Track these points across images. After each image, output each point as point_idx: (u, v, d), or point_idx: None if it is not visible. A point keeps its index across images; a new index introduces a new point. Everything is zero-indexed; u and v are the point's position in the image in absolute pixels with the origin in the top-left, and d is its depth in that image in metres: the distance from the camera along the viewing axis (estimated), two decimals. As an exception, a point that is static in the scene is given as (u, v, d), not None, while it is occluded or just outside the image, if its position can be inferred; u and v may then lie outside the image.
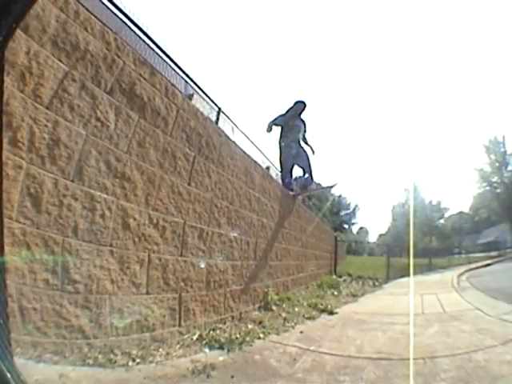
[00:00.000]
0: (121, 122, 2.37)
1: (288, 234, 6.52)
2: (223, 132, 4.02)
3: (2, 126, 1.04)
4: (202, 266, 3.38)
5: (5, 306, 0.97)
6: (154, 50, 3.15)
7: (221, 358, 2.68)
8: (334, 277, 10.09)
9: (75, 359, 1.99)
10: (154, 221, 2.77)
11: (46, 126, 1.82)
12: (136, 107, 2.54)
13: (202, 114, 3.48)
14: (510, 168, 31.37)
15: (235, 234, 4.13)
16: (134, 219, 2.55)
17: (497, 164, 31.39)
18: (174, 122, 2.97)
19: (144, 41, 3.02)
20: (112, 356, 2.19)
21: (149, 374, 2.15)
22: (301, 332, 3.80)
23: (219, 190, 3.81)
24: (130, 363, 2.22)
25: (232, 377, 2.35)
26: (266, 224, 5.28)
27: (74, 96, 2.01)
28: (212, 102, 4.24)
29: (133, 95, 2.52)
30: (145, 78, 2.64)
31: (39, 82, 1.78)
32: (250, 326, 3.68)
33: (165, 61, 3.34)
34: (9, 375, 0.88)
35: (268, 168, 6.27)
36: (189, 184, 3.25)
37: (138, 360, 2.27)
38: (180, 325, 2.98)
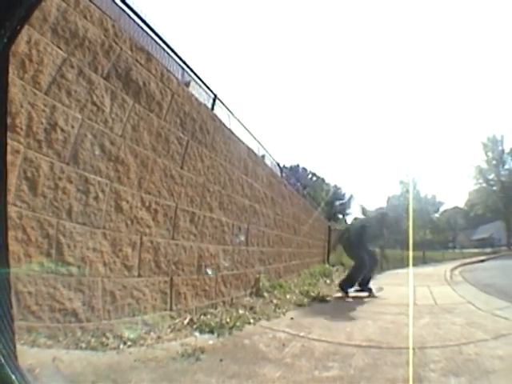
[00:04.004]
0: (116, 106, 2.45)
1: (280, 221, 6.69)
2: (217, 117, 4.10)
3: (6, 126, 1.04)
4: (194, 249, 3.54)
5: (9, 308, 0.99)
6: (154, 39, 3.20)
7: (211, 342, 2.79)
8: (327, 266, 10.39)
9: (68, 343, 2.10)
10: (147, 204, 2.89)
11: (43, 111, 1.90)
12: (131, 92, 2.62)
13: (196, 99, 3.56)
14: (507, 167, 32.19)
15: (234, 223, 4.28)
16: (127, 202, 2.66)
17: (494, 162, 32.19)
18: (168, 107, 3.06)
19: (144, 30, 3.07)
20: (104, 339, 2.31)
21: (139, 357, 2.26)
22: (291, 318, 3.92)
23: (212, 175, 3.93)
24: (122, 346, 2.34)
25: (221, 360, 2.43)
26: (259, 210, 5.43)
27: (72, 82, 2.09)
28: (208, 88, 4.31)
29: (128, 80, 2.60)
30: (141, 64, 2.71)
31: (38, 68, 1.86)
32: (240, 312, 3.81)
33: (164, 50, 3.39)
34: (13, 377, 0.90)
35: (263, 156, 6.41)
36: (181, 168, 3.36)
37: (129, 343, 2.39)
38: (171, 309, 3.12)
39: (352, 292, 6.05)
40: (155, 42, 3.22)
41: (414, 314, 4.40)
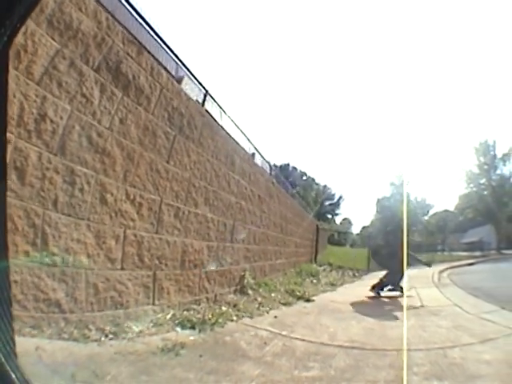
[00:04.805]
0: (105, 98, 2.56)
1: (267, 219, 6.87)
2: (206, 113, 4.22)
3: (6, 123, 1.10)
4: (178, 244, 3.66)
5: (9, 306, 1.01)
6: (152, 35, 3.30)
7: (191, 338, 2.89)
8: (314, 265, 10.69)
9: (52, 333, 2.21)
10: (131, 197, 2.99)
11: (35, 101, 2.00)
12: (121, 85, 2.73)
13: (185, 94, 3.68)
14: (498, 172, 33.40)
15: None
16: (112, 194, 2.77)
17: (485, 167, 33.41)
18: (156, 101, 3.17)
19: (142, 25, 3.17)
20: (86, 331, 2.43)
21: (120, 349, 2.36)
22: (275, 317, 4.02)
23: (198, 170, 4.05)
24: (103, 339, 2.46)
25: (200, 356, 2.49)
26: (245, 207, 5.58)
27: (63, 73, 2.20)
28: (200, 84, 4.42)
29: (118, 73, 2.71)
30: (131, 57, 2.83)
31: (32, 59, 1.95)
32: (224, 308, 3.95)
33: (161, 46, 3.49)
34: (13, 375, 0.92)
35: (254, 154, 6.57)
36: (167, 162, 3.47)
37: (110, 336, 2.52)
38: (154, 303, 3.24)
39: (384, 292, 6.29)
40: (153, 38, 3.32)
41: (399, 315, 4.52)
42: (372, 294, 6.26)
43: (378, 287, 6.34)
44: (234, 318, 3.71)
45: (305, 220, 12.31)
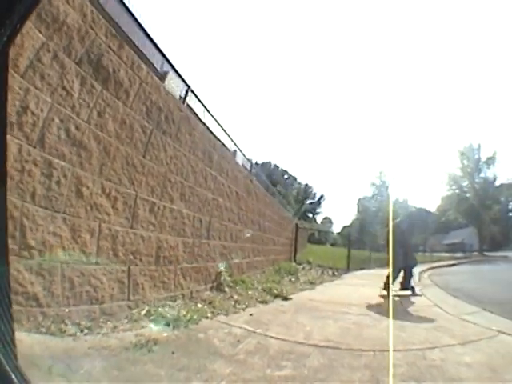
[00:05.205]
0: (84, 91, 2.73)
1: (245, 216, 7.14)
2: (185, 108, 4.42)
3: (6, 125, 1.16)
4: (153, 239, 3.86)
5: (9, 307, 1.07)
6: (145, 31, 3.46)
7: (165, 334, 3.04)
8: (294, 264, 11.12)
9: (31, 327, 2.37)
10: (107, 191, 3.16)
11: (18, 93, 2.15)
12: (101, 78, 2.90)
13: (164, 88, 3.87)
14: (482, 175, 35.51)
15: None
16: (87, 188, 2.93)
17: (469, 169, 35.62)
18: (135, 95, 3.35)
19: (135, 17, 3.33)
20: (63, 326, 2.60)
21: (94, 344, 2.53)
22: (250, 315, 4.19)
23: (174, 165, 4.24)
24: (78, 333, 2.63)
25: (172, 353, 2.63)
26: (222, 203, 5.82)
27: (46, 65, 2.35)
28: (182, 80, 4.61)
29: (99, 66, 2.87)
30: (113, 50, 3.00)
31: (19, 51, 2.10)
32: (199, 305, 4.14)
33: (153, 44, 3.65)
34: (13, 376, 0.96)
35: (235, 152, 6.82)
36: (144, 157, 3.65)
37: (85, 331, 2.69)
38: (129, 299, 3.42)
39: (395, 291, 6.62)
40: (145, 34, 3.48)
41: (377, 315, 4.69)
42: (384, 292, 6.59)
43: (386, 283, 6.65)
44: (209, 315, 3.89)
45: (284, 218, 12.73)
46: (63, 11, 2.46)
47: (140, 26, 3.57)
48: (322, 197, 48.47)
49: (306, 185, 47.72)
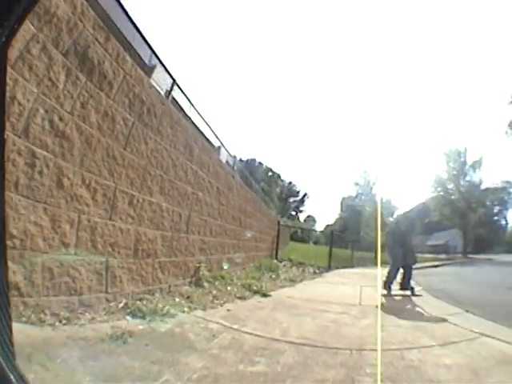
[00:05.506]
0: (69, 83, 2.89)
1: (225, 212, 7.40)
2: (168, 101, 4.61)
3: (5, 124, 1.24)
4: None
5: (7, 307, 1.12)
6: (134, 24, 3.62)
7: (140, 327, 3.20)
8: (275, 261, 11.42)
9: (12, 316, 2.54)
10: (87, 182, 3.31)
11: (7, 84, 2.30)
12: (86, 69, 3.07)
13: (148, 81, 4.05)
14: (468, 178, 37.18)
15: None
16: (68, 178, 3.09)
17: (454, 172, 37.21)
18: (118, 87, 3.53)
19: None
20: (42, 315, 2.75)
21: (72, 334, 2.69)
22: (228, 310, 4.38)
23: (154, 158, 4.42)
24: (57, 324, 2.79)
25: (146, 345, 2.78)
26: (202, 198, 6.04)
27: (35, 57, 2.51)
28: (168, 73, 4.79)
29: (85, 58, 3.04)
30: (100, 43, 3.17)
31: (11, 43, 2.25)
32: (177, 300, 4.34)
33: (142, 37, 3.81)
34: (11, 376, 0.99)
35: (219, 148, 7.02)
36: (124, 149, 3.82)
37: (64, 321, 2.86)
38: (107, 291, 3.59)
39: (395, 291, 6.96)
40: (135, 27, 3.65)
41: (356, 314, 4.85)
42: (384, 292, 6.94)
43: (387, 282, 7.04)
44: (186, 309, 4.07)
45: (266, 215, 13.06)
46: (55, 3, 2.62)
47: (130, 20, 3.74)
48: (305, 195, 49.70)
49: (290, 183, 48.89)
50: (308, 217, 48.30)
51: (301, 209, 49.30)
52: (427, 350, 3.26)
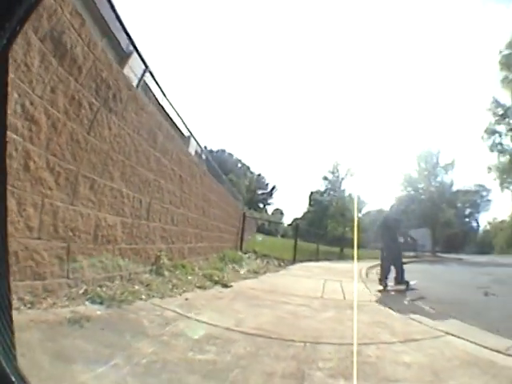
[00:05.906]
0: (43, 67, 3.15)
1: (188, 200, 7.76)
2: (133, 87, 4.90)
3: (6, 125, 1.26)
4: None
5: (8, 308, 1.15)
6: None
7: (98, 313, 3.47)
8: (239, 252, 12.05)
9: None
10: (51, 165, 3.55)
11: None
12: (58, 54, 3.33)
13: (116, 66, 4.33)
14: (439, 179, 39.60)
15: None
16: (34, 162, 3.32)
17: (425, 172, 39.64)
18: (87, 72, 3.80)
19: None
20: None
21: (34, 318, 2.94)
22: (186, 299, 4.66)
23: (117, 144, 4.70)
24: (22, 307, 3.07)
25: (102, 329, 3.05)
26: (164, 186, 6.37)
27: (16, 43, 2.76)
28: (142, 60, 5.05)
29: (59, 43, 3.30)
30: (74, 28, 3.44)
31: None
32: (136, 287, 4.66)
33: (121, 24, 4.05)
34: (13, 378, 1.02)
35: (189, 137, 7.31)
36: (88, 133, 4.08)
37: (28, 305, 3.15)
38: (68, 277, 3.86)
39: (390, 286, 7.55)
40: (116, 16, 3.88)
41: (317, 306, 5.09)
42: (380, 287, 7.52)
43: (381, 276, 7.68)
44: (144, 297, 4.38)
45: (232, 206, 13.54)
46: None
47: (112, 7, 4.00)
48: (274, 188, 50.98)
49: (259, 175, 49.98)
50: (276, 210, 49.69)
51: (269, 201, 50.66)
52: (386, 346, 3.35)
